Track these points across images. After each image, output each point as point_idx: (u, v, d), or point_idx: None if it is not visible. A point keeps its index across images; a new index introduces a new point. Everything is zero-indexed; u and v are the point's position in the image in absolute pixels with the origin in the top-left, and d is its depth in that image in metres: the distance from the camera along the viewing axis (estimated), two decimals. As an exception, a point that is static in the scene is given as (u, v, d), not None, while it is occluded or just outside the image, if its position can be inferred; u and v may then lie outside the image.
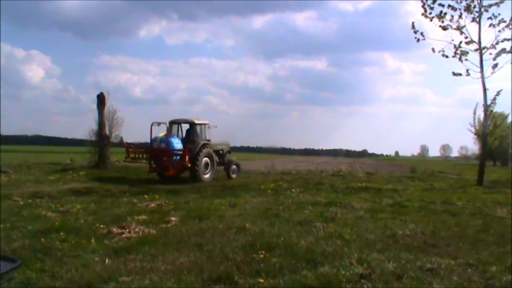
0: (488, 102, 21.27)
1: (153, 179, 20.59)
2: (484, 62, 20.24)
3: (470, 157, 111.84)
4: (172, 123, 21.83)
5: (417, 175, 29.14)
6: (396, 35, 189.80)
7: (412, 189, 18.03)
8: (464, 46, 20.18)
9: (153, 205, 11.90)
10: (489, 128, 22.35)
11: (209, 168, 21.20)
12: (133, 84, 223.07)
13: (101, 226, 8.49)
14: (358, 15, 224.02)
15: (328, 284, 5.09)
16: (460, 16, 20.02)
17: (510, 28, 19.60)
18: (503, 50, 19.66)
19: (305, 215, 10.36)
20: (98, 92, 26.77)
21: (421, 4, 20.52)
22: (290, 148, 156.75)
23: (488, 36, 19.63)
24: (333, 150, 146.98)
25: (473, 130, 24.10)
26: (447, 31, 20.43)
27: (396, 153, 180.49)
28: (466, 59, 20.20)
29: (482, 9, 19.77)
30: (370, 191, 16.50)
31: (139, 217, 9.61)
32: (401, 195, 15.35)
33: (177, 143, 20.64)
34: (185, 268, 5.71)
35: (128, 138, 26.52)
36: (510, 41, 19.71)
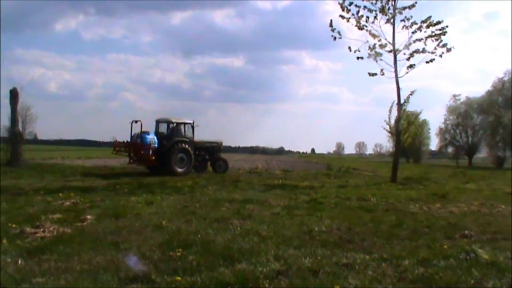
0: (402, 101, 22.82)
1: (69, 177, 20.54)
2: (398, 62, 21.76)
3: (384, 155, 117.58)
4: (158, 121, 25.78)
5: (333, 172, 30.42)
6: (314, 34, 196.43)
7: (328, 186, 18.84)
8: (378, 49, 21.60)
9: (68, 203, 11.73)
10: (403, 126, 23.87)
11: (185, 163, 24.61)
12: (47, 80, 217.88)
13: (14, 225, 8.31)
14: (277, 14, 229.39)
15: (246, 281, 5.27)
16: (375, 18, 21.35)
17: (421, 30, 21.27)
18: (416, 51, 21.29)
19: (222, 212, 10.61)
20: (11, 87, 26.41)
21: (338, 5, 21.63)
22: None
23: (402, 38, 21.23)
24: (250, 147, 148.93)
25: (387, 128, 25.52)
26: (363, 31, 21.70)
27: (313, 150, 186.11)
28: (381, 59, 21.59)
29: (396, 11, 21.21)
30: (286, 188, 17.08)
31: (54, 216, 9.47)
32: (317, 192, 16.01)
33: (151, 139, 24.13)
34: (101, 268, 5.72)
35: (43, 135, 26.70)
36: (422, 42, 21.42)
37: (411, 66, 21.67)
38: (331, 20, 21.88)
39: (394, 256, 6.59)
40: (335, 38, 21.77)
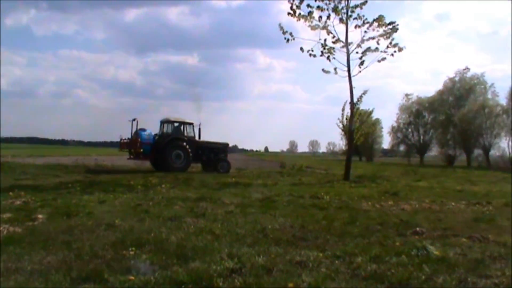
0: (355, 100, 23.34)
1: (19, 176, 20.03)
2: (351, 62, 22.27)
3: (337, 153, 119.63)
4: (162, 122, 28.76)
5: (286, 170, 30.74)
6: (268, 33, 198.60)
7: (281, 184, 19.04)
8: (331, 45, 22.03)
9: (18, 202, 11.47)
10: (356, 125, 24.39)
11: (182, 159, 27.16)
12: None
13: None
14: (231, 12, 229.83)
15: (199, 280, 5.26)
16: (328, 17, 21.76)
17: (373, 29, 21.81)
18: (369, 49, 21.82)
19: (175, 210, 10.57)
20: (-43, 83, 25.37)
21: (290, 4, 21.89)
22: None
23: (355, 36, 21.84)
24: None
25: (340, 126, 26.01)
26: (316, 30, 22.09)
27: (266, 148, 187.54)
28: (334, 58, 22.05)
29: (349, 11, 21.67)
30: (240, 186, 17.21)
31: (4, 215, 9.22)
32: (271, 189, 16.14)
33: (148, 136, 27.48)
34: (52, 267, 5.61)
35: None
36: (375, 40, 21.98)
37: (362, 63, 22.19)
38: (280, 24, 22.36)
39: (347, 253, 6.69)
40: (287, 40, 22.10)
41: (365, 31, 22.00)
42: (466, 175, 31.46)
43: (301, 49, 22.32)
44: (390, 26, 21.89)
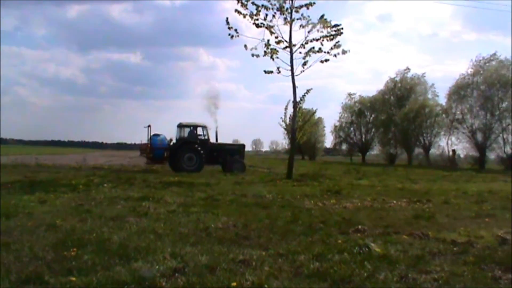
0: (298, 99, 23.63)
1: None
2: (294, 61, 22.53)
3: (280, 152, 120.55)
4: (178, 126, 30.60)
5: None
6: (212, 31, 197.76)
7: (224, 182, 19.03)
8: (274, 45, 22.22)
9: None
10: (298, 124, 24.70)
11: (194, 161, 28.81)
12: None
13: None
14: (175, 10, 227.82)
15: (142, 280, 5.24)
16: (273, 16, 21.92)
17: (318, 30, 22.15)
18: (312, 50, 22.14)
19: (118, 210, 10.49)
20: None
21: (236, 1, 21.94)
22: (102, 143, 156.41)
23: (299, 36, 22.16)
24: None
25: (283, 125, 26.28)
26: (260, 29, 22.23)
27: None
28: (277, 57, 22.25)
29: (293, 11, 21.91)
30: (183, 186, 17.13)
31: None
32: (214, 188, 16.15)
33: (161, 141, 30.05)
34: (-9, 270, 5.43)
35: None
36: (318, 41, 22.33)
37: (305, 64, 22.50)
38: (227, 18, 22.38)
39: (290, 251, 6.78)
40: (232, 37, 22.20)
41: (309, 32, 22.32)
42: (407, 174, 32.35)
43: (245, 46, 22.38)
44: (335, 29, 22.26)
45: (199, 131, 30.72)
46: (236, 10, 21.95)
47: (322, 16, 22.19)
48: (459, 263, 6.41)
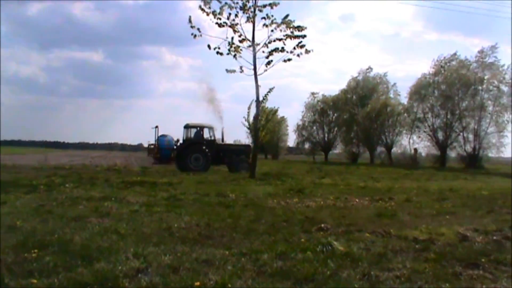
0: (261, 98, 23.72)
1: None
2: (257, 60, 22.65)
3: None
4: (185, 127, 31.61)
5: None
6: (175, 30, 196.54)
7: (187, 182, 18.95)
8: (238, 43, 22.29)
9: None
10: (261, 123, 24.80)
11: (201, 161, 29.86)
12: None
13: None
14: (138, 9, 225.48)
15: (105, 280, 5.20)
16: (236, 15, 21.98)
17: (281, 30, 22.29)
18: (275, 50, 22.29)
19: (80, 210, 10.36)
20: None
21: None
22: (64, 142, 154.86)
23: (262, 36, 22.33)
24: (109, 144, 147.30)
25: (246, 124, 26.36)
26: (223, 28, 22.27)
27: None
28: (240, 56, 22.33)
29: (257, 10, 22.02)
30: (145, 185, 17.02)
31: None
32: (176, 188, 16.08)
33: (168, 142, 31.73)
34: None
35: None
36: (281, 41, 22.48)
37: (269, 63, 22.63)
38: (190, 17, 22.35)
39: (253, 250, 6.81)
40: (195, 36, 22.19)
41: (272, 31, 22.44)
42: (369, 172, 32.83)
43: (208, 46, 22.42)
44: (298, 29, 22.44)
45: (206, 131, 31.80)
46: (199, 7, 21.97)
47: (286, 16, 22.35)
48: (421, 260, 6.55)
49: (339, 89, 76.86)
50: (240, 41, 22.48)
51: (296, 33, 22.43)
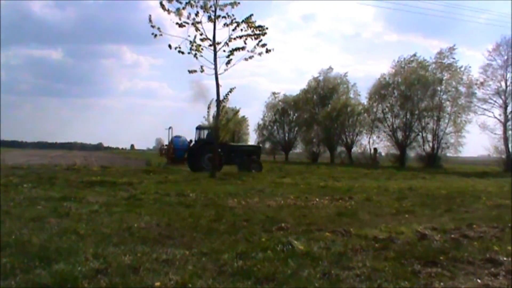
0: (221, 97, 23.80)
1: None
2: (218, 60, 22.73)
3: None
4: (197, 128, 32.89)
5: (152, 168, 30.46)
6: (136, 29, 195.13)
7: (147, 182, 18.82)
8: (199, 42, 22.33)
9: None
10: (222, 122, 24.87)
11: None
12: None
13: None
14: (98, 6, 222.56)
15: (64, 281, 5.15)
16: (196, 14, 21.98)
17: (242, 29, 22.42)
18: (236, 49, 22.40)
19: (38, 211, 10.18)
20: None
21: None
22: (22, 141, 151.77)
23: (224, 35, 22.41)
24: (68, 143, 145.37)
25: (207, 124, 26.39)
26: (184, 28, 22.30)
27: (132, 146, 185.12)
28: (201, 56, 22.35)
29: (218, 9, 22.07)
30: (105, 185, 16.85)
31: None
32: (137, 188, 16.01)
33: (182, 142, 32.69)
34: None
35: None
36: (242, 40, 22.61)
37: (229, 62, 22.73)
38: (149, 16, 22.34)
39: (213, 250, 6.83)
40: (155, 36, 22.10)
41: (233, 30, 22.53)
42: (329, 172, 33.19)
43: (169, 46, 22.38)
44: (259, 28, 22.58)
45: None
46: (160, 4, 21.85)
47: (249, 16, 22.43)
48: (381, 258, 6.67)
49: (300, 89, 77.53)
50: (202, 40, 22.51)
51: (257, 32, 22.56)
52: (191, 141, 32.81)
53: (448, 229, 9.09)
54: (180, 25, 22.19)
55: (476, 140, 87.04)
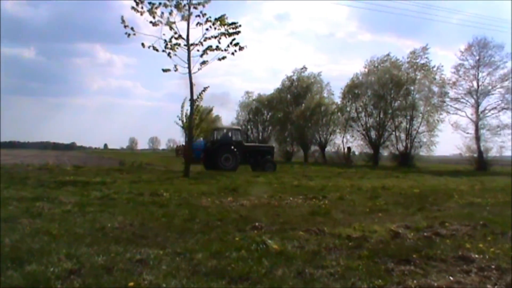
0: (195, 97, 23.80)
1: None
2: (192, 59, 22.73)
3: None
4: (214, 129, 34.82)
5: (125, 168, 30.44)
6: (109, 27, 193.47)
7: (121, 181, 18.71)
8: (174, 42, 22.29)
9: None
10: (195, 121, 24.86)
11: (230, 161, 31.60)
12: None
13: None
14: (71, 5, 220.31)
15: (36, 283, 5.12)
16: (170, 13, 22.01)
17: (215, 28, 22.45)
18: (210, 48, 22.44)
19: (10, 211, 10.06)
20: None
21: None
22: None
23: (197, 34, 22.37)
24: (41, 142, 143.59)
25: (180, 123, 26.33)
26: (158, 27, 22.33)
27: (105, 145, 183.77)
28: (175, 55, 22.34)
29: (191, 8, 22.07)
30: (78, 185, 16.70)
31: None
32: (110, 187, 15.88)
33: (199, 143, 33.57)
34: None
35: None
36: (216, 39, 22.67)
37: (204, 63, 22.80)
38: (122, 17, 22.28)
39: (187, 250, 6.84)
40: (128, 35, 22.02)
41: (207, 29, 22.50)
42: (303, 171, 33.45)
43: (142, 44, 22.44)
44: (233, 26, 22.63)
45: (233, 133, 34.61)
46: (132, 8, 21.81)
47: (222, 16, 22.45)
48: (354, 257, 6.75)
49: (274, 88, 77.80)
50: (176, 38, 22.47)
51: (231, 30, 22.61)
52: (207, 142, 33.78)
53: (421, 228, 9.22)
54: (154, 24, 22.18)
55: (448, 139, 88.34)
